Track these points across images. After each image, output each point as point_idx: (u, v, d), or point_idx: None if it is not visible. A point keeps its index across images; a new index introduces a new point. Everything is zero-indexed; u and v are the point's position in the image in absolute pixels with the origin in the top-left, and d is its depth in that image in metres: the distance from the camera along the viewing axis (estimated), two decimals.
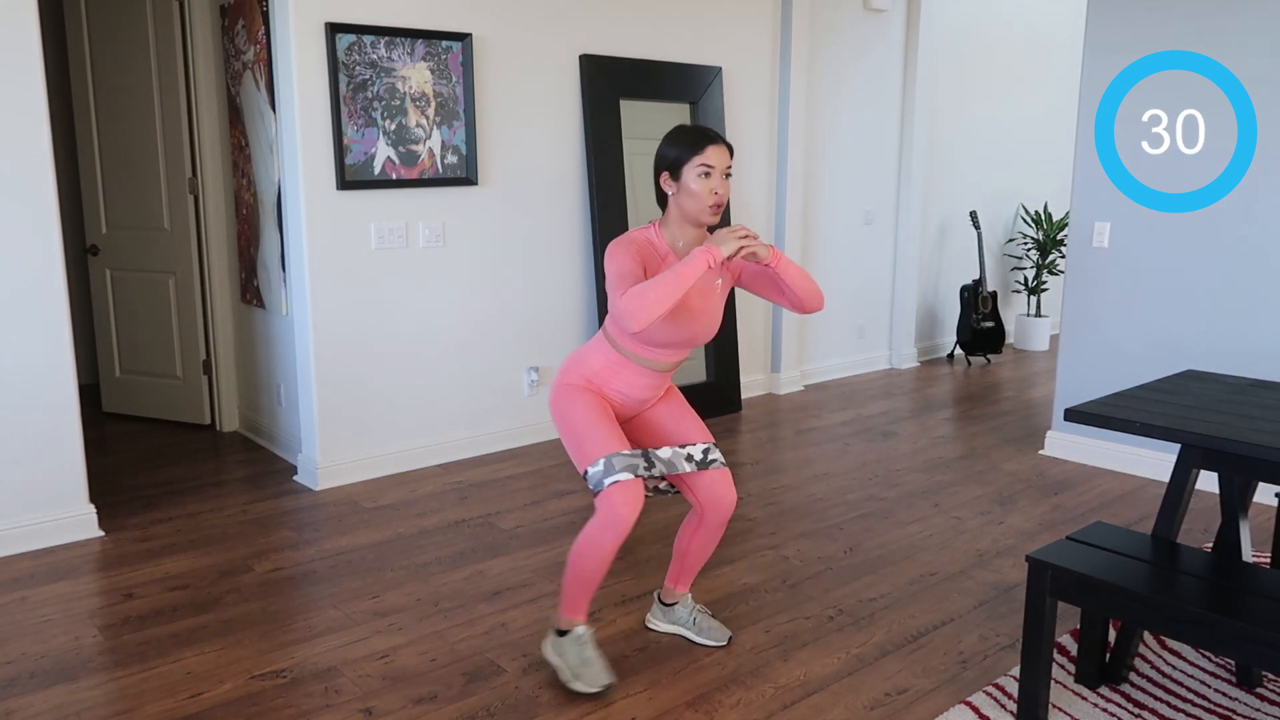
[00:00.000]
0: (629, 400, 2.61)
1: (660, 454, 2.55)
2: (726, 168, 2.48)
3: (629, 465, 2.43)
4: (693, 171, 2.44)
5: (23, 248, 3.38)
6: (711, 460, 2.64)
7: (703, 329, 2.55)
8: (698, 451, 2.62)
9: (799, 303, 2.54)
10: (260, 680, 2.64)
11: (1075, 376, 4.58)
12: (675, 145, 2.47)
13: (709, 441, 2.67)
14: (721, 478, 2.64)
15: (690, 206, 2.47)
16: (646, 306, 2.28)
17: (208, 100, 4.78)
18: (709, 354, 5.38)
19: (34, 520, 3.52)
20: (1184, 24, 4.06)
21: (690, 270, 2.31)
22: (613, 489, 2.40)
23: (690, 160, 2.44)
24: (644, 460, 2.49)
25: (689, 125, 2.47)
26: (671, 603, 2.87)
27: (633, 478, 2.43)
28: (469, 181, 4.42)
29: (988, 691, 2.58)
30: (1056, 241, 7.23)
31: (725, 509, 2.66)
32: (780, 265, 2.48)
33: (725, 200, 2.48)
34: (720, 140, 2.48)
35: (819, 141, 5.96)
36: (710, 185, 2.45)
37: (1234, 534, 2.51)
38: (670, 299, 2.28)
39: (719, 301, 2.59)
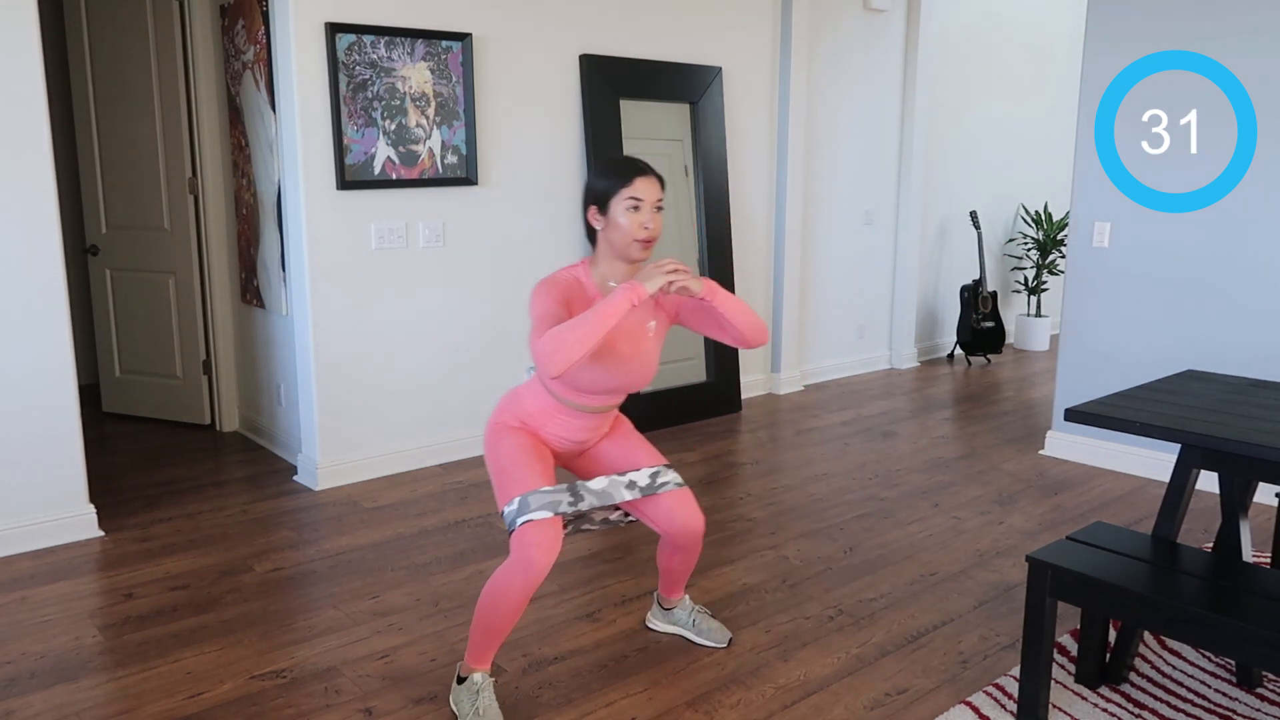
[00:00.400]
0: (566, 442, 2.49)
1: (592, 486, 2.40)
2: (657, 200, 2.35)
3: (547, 503, 2.29)
4: (621, 205, 2.32)
5: (23, 248, 3.38)
6: (662, 484, 2.48)
7: (634, 375, 2.41)
8: (643, 477, 2.47)
9: (741, 337, 2.41)
10: (260, 680, 2.64)
11: (1075, 376, 4.58)
12: (603, 177, 2.35)
13: (659, 464, 2.52)
14: (678, 502, 2.49)
15: (618, 241, 2.34)
16: (564, 350, 2.12)
17: (208, 100, 4.78)
18: (709, 354, 5.38)
19: (34, 520, 3.52)
20: (1184, 24, 4.06)
21: (612, 310, 2.16)
22: (525, 529, 2.25)
23: (618, 193, 2.32)
24: (569, 496, 2.34)
25: (618, 156, 2.37)
26: (670, 606, 2.85)
27: (550, 516, 2.28)
28: (469, 181, 4.42)
29: (988, 691, 2.58)
30: (1056, 241, 7.23)
31: (691, 534, 2.53)
32: (716, 299, 2.34)
33: (656, 235, 2.36)
34: (650, 172, 2.37)
35: (819, 141, 5.96)
36: (639, 219, 2.32)
37: (1234, 534, 2.51)
38: (590, 341, 2.13)
39: (653, 346, 2.45)
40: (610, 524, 2.51)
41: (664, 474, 2.50)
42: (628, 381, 2.41)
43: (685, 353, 5.31)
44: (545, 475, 2.36)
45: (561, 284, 2.35)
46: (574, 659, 2.75)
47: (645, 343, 2.42)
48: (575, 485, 2.37)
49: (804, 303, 6.07)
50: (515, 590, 2.28)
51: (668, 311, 2.50)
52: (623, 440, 2.58)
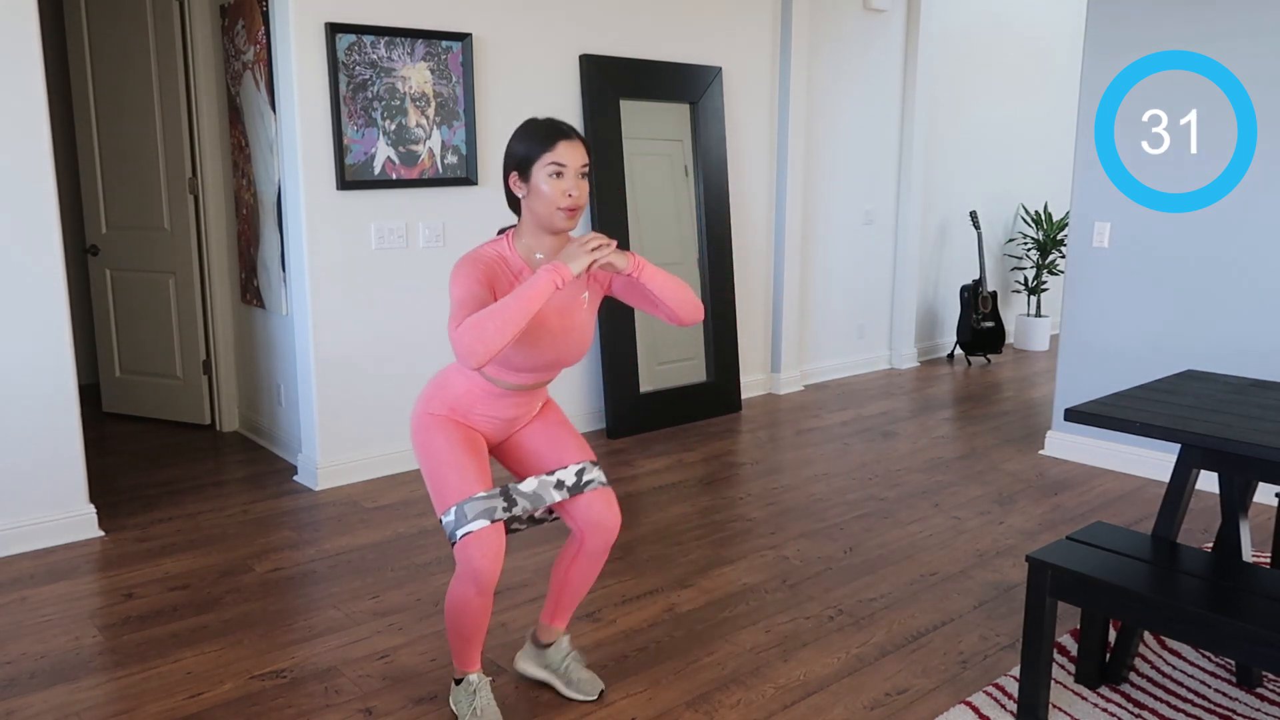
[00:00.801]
0: (497, 424, 2.38)
1: (523, 488, 2.31)
2: (582, 166, 2.20)
3: (484, 511, 2.21)
4: (543, 171, 2.17)
5: (23, 248, 3.38)
6: (588, 482, 2.39)
7: (568, 349, 2.31)
8: (570, 475, 2.38)
9: (672, 314, 2.30)
10: (260, 680, 2.64)
11: (1075, 376, 4.58)
12: (523, 141, 2.20)
13: (586, 460, 2.42)
14: (601, 499, 2.40)
15: (541, 211, 2.20)
16: (484, 340, 1.99)
17: (208, 100, 4.78)
18: (709, 354, 5.38)
19: (34, 520, 3.52)
20: (1184, 24, 4.06)
21: (535, 294, 2.05)
22: (467, 540, 2.19)
23: (540, 158, 2.17)
24: (503, 500, 2.26)
25: (540, 119, 2.24)
26: (547, 643, 2.60)
27: (488, 524, 2.20)
28: (469, 181, 4.42)
29: (988, 691, 2.58)
30: (1056, 241, 7.23)
31: (606, 533, 2.42)
32: (644, 274, 2.23)
33: (582, 203, 2.22)
34: (574, 135, 2.22)
35: (819, 141, 5.96)
36: (563, 186, 2.18)
37: (1234, 534, 2.51)
38: (512, 328, 2.02)
39: (587, 318, 2.35)
40: (537, 522, 2.43)
41: (590, 471, 2.41)
42: (561, 356, 2.31)
43: (685, 353, 5.31)
44: (480, 475, 2.27)
45: (484, 262, 2.21)
46: None
47: (578, 316, 2.32)
48: (508, 489, 2.29)
49: (804, 303, 6.07)
50: (472, 599, 2.24)
51: (600, 283, 2.38)
52: (552, 429, 2.46)
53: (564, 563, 2.49)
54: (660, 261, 5.15)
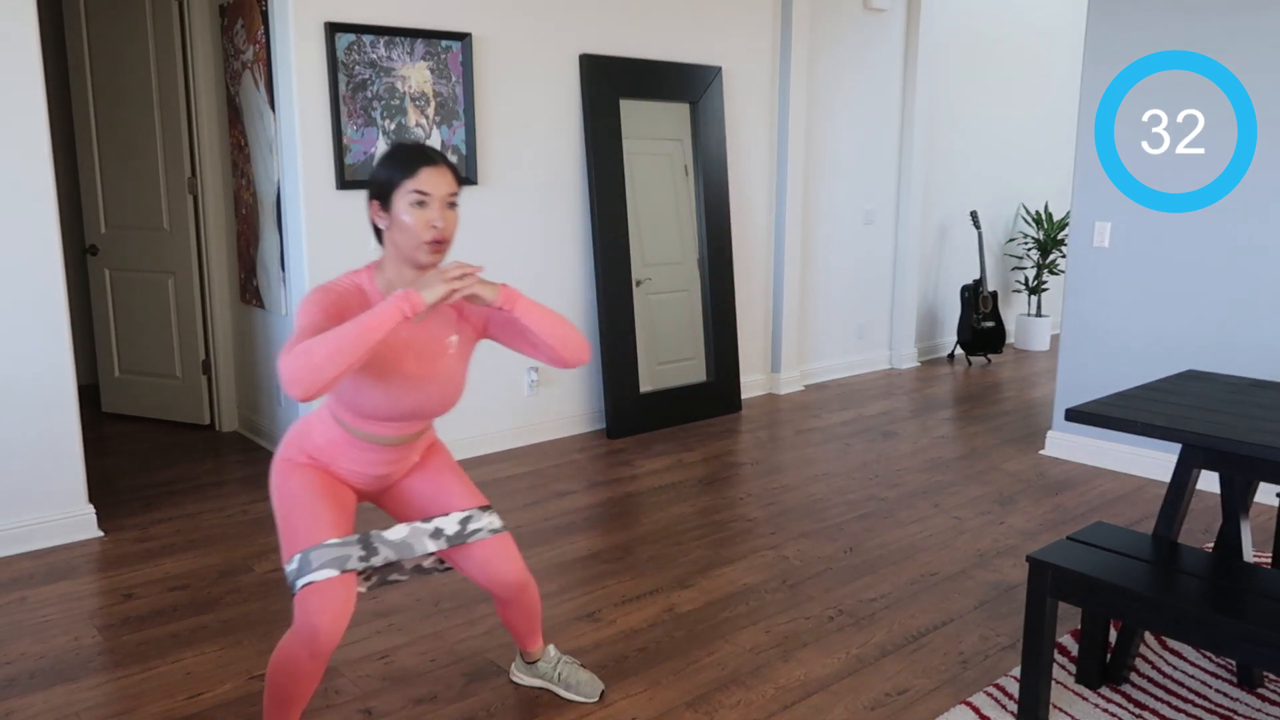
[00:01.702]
0: (365, 478, 2.17)
1: (389, 535, 2.09)
2: (448, 195, 2.01)
3: (334, 560, 1.98)
4: (405, 200, 1.98)
5: (23, 248, 3.38)
6: (474, 531, 2.18)
7: (430, 399, 2.08)
8: (450, 523, 2.16)
9: (555, 355, 2.09)
10: (260, 680, 2.63)
11: (1075, 376, 4.57)
12: (385, 166, 2.02)
13: (473, 507, 2.21)
14: (492, 550, 2.19)
15: (404, 243, 2.00)
16: (311, 368, 1.76)
17: (207, 100, 4.78)
18: (709, 354, 5.38)
19: (34, 520, 3.51)
20: (1184, 24, 4.05)
21: (376, 322, 1.82)
22: (308, 591, 1.95)
23: (401, 185, 1.98)
24: (359, 549, 2.03)
25: (405, 142, 2.07)
26: (532, 659, 2.55)
27: (336, 574, 1.97)
28: (469, 181, 4.41)
29: (988, 692, 2.58)
30: (1057, 241, 7.23)
31: (509, 585, 2.23)
32: (518, 309, 2.02)
33: (448, 236, 2.02)
34: (439, 161, 2.03)
35: (819, 141, 5.96)
36: (426, 217, 1.98)
37: (1235, 534, 2.50)
38: (345, 358, 1.78)
39: (456, 365, 2.12)
40: (424, 572, 2.21)
41: (477, 519, 2.19)
42: (423, 406, 2.09)
43: (685, 353, 5.31)
44: (335, 522, 2.06)
45: (336, 292, 2.00)
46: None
47: (443, 361, 2.09)
48: (368, 536, 2.06)
49: (804, 303, 6.07)
50: (303, 661, 2.01)
51: (474, 325, 2.17)
52: (436, 475, 2.26)
53: (497, 608, 2.39)
54: (660, 261, 5.14)
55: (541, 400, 4.86)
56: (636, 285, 5.05)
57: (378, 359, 2.02)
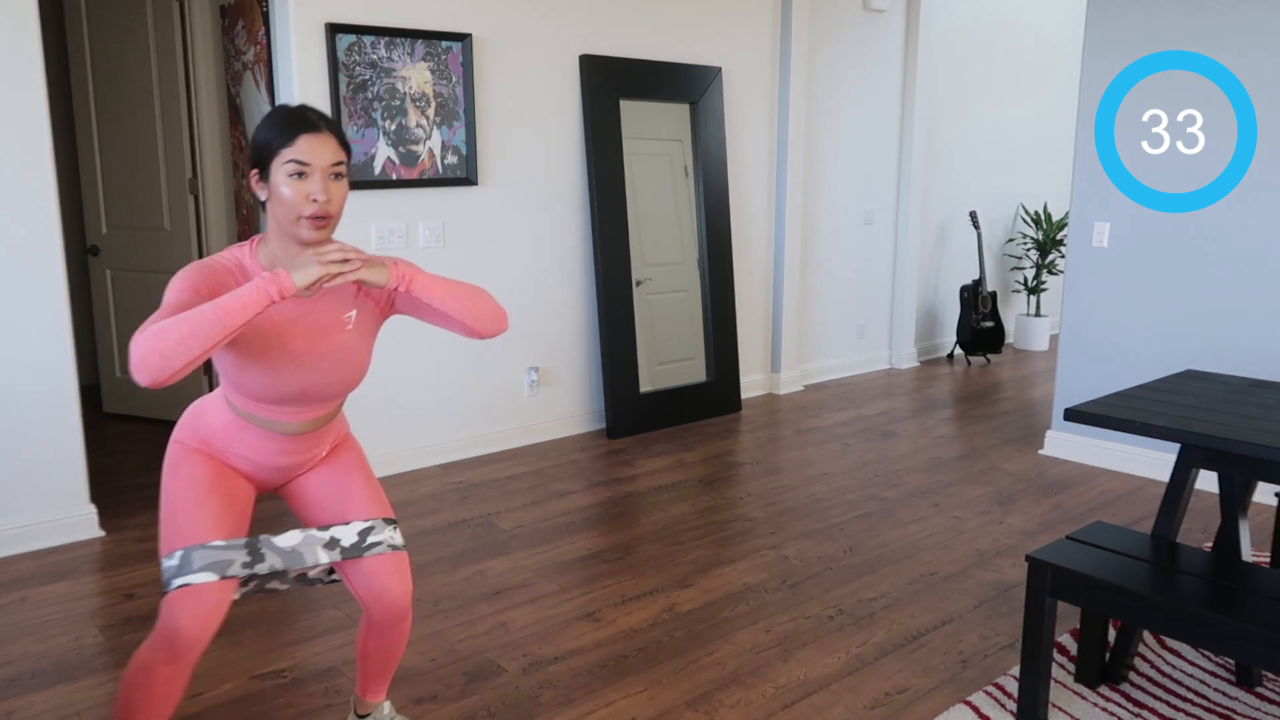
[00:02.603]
0: (263, 469, 1.99)
1: (279, 542, 1.91)
2: (333, 165, 1.82)
3: (215, 563, 1.82)
4: (282, 169, 1.80)
5: (23, 248, 3.38)
6: (371, 545, 1.99)
7: (325, 378, 1.91)
8: (349, 534, 1.98)
9: (467, 328, 1.93)
10: (260, 680, 2.64)
11: (1075, 376, 4.58)
12: (262, 131, 1.83)
13: (376, 518, 2.03)
14: (385, 566, 2.01)
15: (283, 218, 1.82)
16: (161, 350, 1.60)
17: (208, 100, 4.78)
18: (709, 354, 5.39)
19: (34, 520, 3.52)
20: (1184, 24, 4.06)
21: (236, 304, 1.65)
22: (181, 593, 1.79)
23: (279, 153, 1.80)
24: (244, 555, 1.86)
25: (288, 105, 1.86)
26: (364, 712, 2.28)
27: (214, 580, 1.80)
28: (469, 181, 4.42)
29: (988, 691, 2.58)
30: (1056, 241, 7.24)
31: (391, 607, 2.02)
32: (415, 287, 1.85)
33: (332, 210, 1.83)
34: (322, 126, 1.83)
35: (819, 141, 5.96)
36: (305, 189, 1.80)
37: (1234, 533, 2.51)
38: (200, 342, 1.62)
39: (355, 341, 1.94)
40: (308, 582, 2.05)
41: (378, 532, 2.01)
42: (316, 387, 1.91)
43: (685, 353, 5.31)
44: (223, 520, 1.89)
45: (210, 269, 1.82)
46: (574, 659, 2.75)
47: (339, 337, 1.92)
48: (257, 541, 1.89)
49: (804, 303, 6.07)
50: (159, 669, 1.83)
51: (376, 300, 2.00)
52: (344, 476, 2.08)
53: (360, 634, 2.15)
54: (660, 261, 5.15)
55: (541, 400, 4.87)
56: (636, 285, 5.05)
57: (259, 335, 1.84)
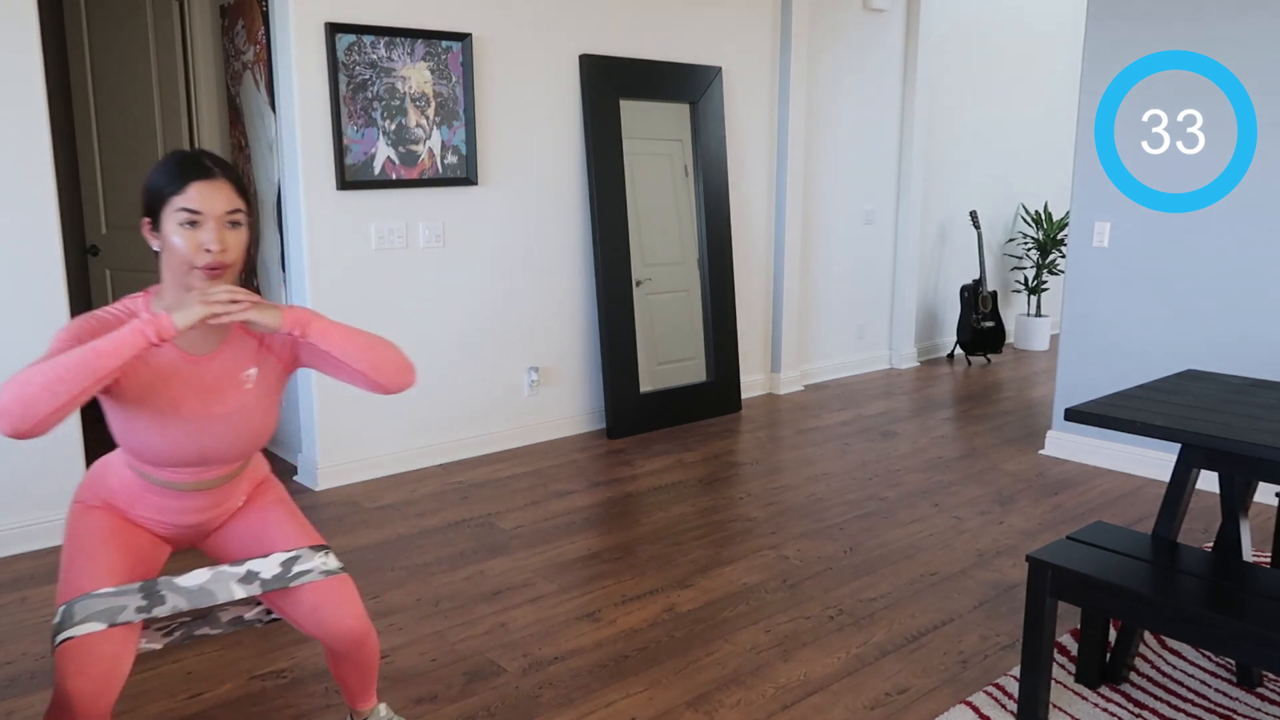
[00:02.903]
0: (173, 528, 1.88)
1: (182, 582, 1.77)
2: (229, 213, 1.74)
3: (102, 611, 1.68)
4: (173, 219, 1.73)
5: (23, 248, 3.38)
6: (298, 574, 1.85)
7: (223, 442, 1.81)
8: (269, 566, 1.84)
9: (369, 381, 1.82)
10: (260, 680, 2.64)
11: (1075, 376, 4.58)
12: (153, 178, 1.76)
13: (301, 547, 1.91)
14: (328, 598, 1.87)
15: (175, 267, 1.75)
16: (23, 399, 1.51)
17: (208, 100, 4.78)
18: (709, 354, 5.38)
19: (34, 520, 3.52)
20: (1184, 24, 4.06)
21: (110, 348, 1.57)
22: (64, 650, 1.65)
23: (168, 202, 1.73)
24: (139, 598, 1.72)
25: (182, 150, 1.80)
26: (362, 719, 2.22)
27: (101, 629, 1.66)
28: (469, 181, 4.42)
29: (988, 691, 2.58)
30: (1056, 241, 7.24)
31: (347, 636, 1.91)
32: (312, 333, 1.76)
33: (228, 261, 1.75)
34: (217, 173, 1.75)
35: (819, 141, 5.96)
36: (197, 239, 1.72)
37: (1234, 533, 2.51)
38: (69, 388, 1.53)
39: (255, 402, 1.85)
40: (244, 624, 1.94)
41: (305, 560, 1.87)
42: (214, 450, 1.81)
43: (685, 353, 5.31)
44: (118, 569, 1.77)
45: (99, 320, 1.74)
46: (574, 659, 2.75)
47: (237, 398, 1.82)
48: (154, 584, 1.75)
49: (804, 303, 6.07)
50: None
51: (279, 354, 1.89)
52: (262, 514, 1.97)
53: (329, 662, 2.07)
54: (660, 261, 5.15)
55: (541, 400, 4.86)
56: (636, 285, 5.05)
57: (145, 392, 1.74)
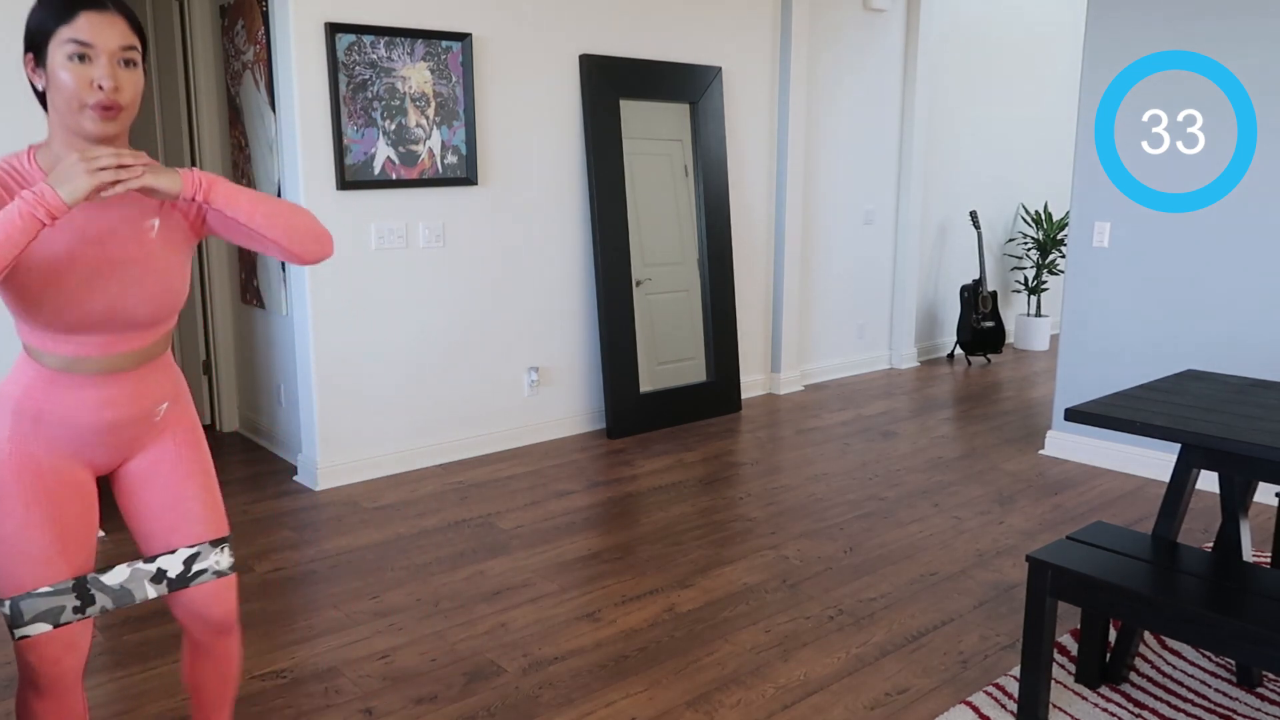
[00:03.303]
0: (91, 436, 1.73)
1: (108, 580, 1.75)
2: (122, 49, 1.59)
3: (46, 613, 1.68)
4: (60, 51, 1.56)
5: None
6: (197, 574, 1.83)
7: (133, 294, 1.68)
8: (175, 564, 1.80)
9: (284, 249, 1.72)
10: (260, 680, 2.64)
11: (1075, 376, 4.58)
12: (37, 9, 1.58)
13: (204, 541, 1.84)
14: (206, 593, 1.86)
15: (64, 108, 1.59)
16: None
17: (208, 100, 4.78)
18: (709, 354, 5.38)
19: None
20: (1184, 24, 4.06)
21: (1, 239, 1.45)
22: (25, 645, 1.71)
23: (54, 33, 1.56)
24: (74, 597, 1.71)
25: None
26: None
27: (50, 629, 1.69)
28: (469, 181, 4.42)
29: (988, 691, 2.58)
30: (1056, 241, 7.24)
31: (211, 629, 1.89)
32: (215, 197, 1.63)
33: (123, 101, 1.60)
34: (109, 5, 1.59)
35: (819, 141, 5.96)
36: (88, 74, 1.56)
37: (1234, 533, 2.51)
38: None
39: (161, 252, 1.71)
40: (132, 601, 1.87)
41: (203, 558, 1.83)
42: (126, 305, 1.68)
43: (685, 353, 5.31)
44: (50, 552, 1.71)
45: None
46: (574, 659, 2.75)
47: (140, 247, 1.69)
48: (85, 582, 1.73)
49: (804, 303, 6.07)
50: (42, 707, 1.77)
51: (185, 214, 1.77)
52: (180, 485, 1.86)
53: (186, 664, 1.99)
54: (660, 261, 5.15)
55: (541, 400, 4.86)
56: (636, 285, 5.05)
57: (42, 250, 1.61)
